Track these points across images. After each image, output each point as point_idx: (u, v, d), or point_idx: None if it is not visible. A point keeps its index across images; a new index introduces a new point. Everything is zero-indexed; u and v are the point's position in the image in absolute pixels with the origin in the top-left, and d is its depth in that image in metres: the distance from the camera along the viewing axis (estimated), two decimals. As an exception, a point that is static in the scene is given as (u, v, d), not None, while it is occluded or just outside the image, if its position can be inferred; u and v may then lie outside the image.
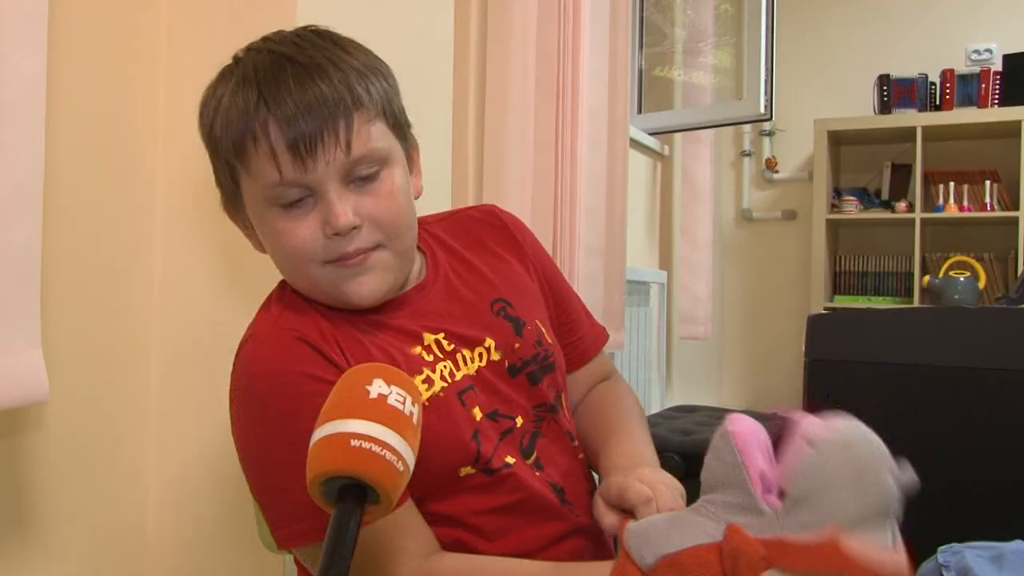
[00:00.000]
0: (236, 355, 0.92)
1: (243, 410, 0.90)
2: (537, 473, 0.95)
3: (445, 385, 0.92)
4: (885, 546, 0.69)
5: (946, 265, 3.72)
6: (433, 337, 0.95)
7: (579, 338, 1.13)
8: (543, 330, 1.03)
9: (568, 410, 1.05)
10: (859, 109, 3.99)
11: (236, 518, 1.38)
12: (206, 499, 1.41)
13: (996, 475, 1.69)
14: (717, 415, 2.95)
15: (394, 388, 0.64)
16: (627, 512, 0.81)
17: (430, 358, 0.93)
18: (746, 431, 0.73)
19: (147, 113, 1.42)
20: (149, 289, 1.42)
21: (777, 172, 4.29)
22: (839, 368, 1.89)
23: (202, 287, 1.41)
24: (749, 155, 4.33)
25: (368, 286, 0.89)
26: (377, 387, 0.64)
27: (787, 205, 4.28)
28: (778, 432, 0.74)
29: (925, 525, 1.79)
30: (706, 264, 3.69)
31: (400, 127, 0.93)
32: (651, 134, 3.36)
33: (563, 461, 0.99)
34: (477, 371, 0.95)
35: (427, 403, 0.88)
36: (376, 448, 0.60)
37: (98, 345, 1.33)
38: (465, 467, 0.91)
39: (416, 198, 0.95)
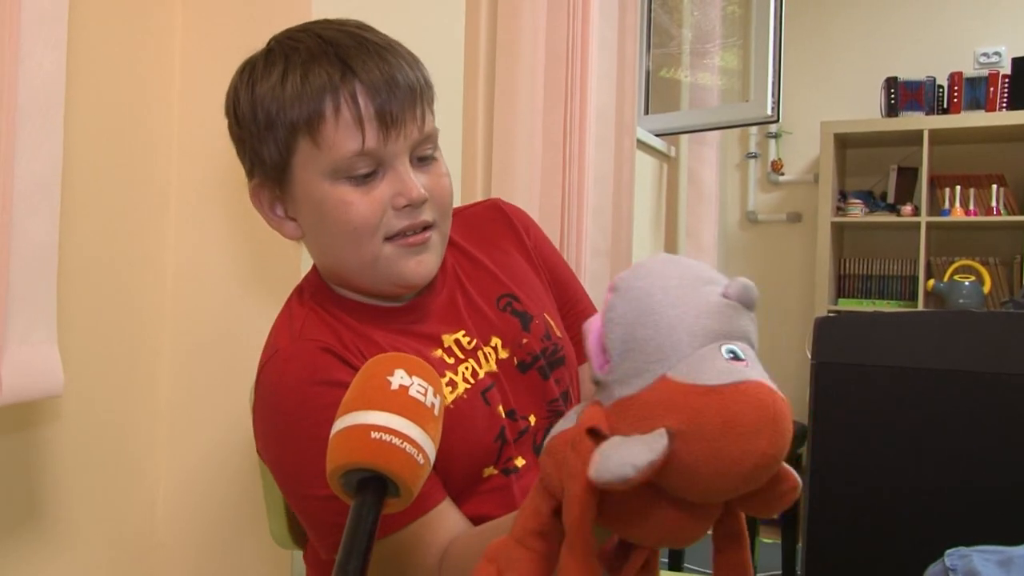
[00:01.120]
0: (260, 371, 0.91)
1: (272, 426, 0.89)
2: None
3: (468, 386, 0.92)
4: (721, 364, 0.55)
5: (951, 269, 3.71)
6: (452, 338, 0.95)
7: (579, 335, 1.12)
8: (551, 323, 1.02)
9: None
10: (866, 112, 3.98)
11: (246, 511, 1.39)
12: (216, 492, 1.42)
13: (1003, 479, 1.69)
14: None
15: (416, 379, 0.63)
16: None
17: (451, 360, 0.93)
18: (593, 320, 0.60)
19: (162, 110, 1.42)
20: (162, 284, 1.43)
21: (783, 174, 4.28)
22: (845, 371, 1.90)
23: (215, 282, 1.42)
24: (755, 157, 4.33)
25: (426, 265, 0.91)
26: (399, 378, 0.62)
27: (792, 207, 4.27)
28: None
29: (932, 528, 1.79)
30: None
31: (434, 115, 0.96)
32: (658, 135, 3.37)
33: None
34: (487, 371, 0.95)
35: (451, 406, 0.89)
36: (396, 441, 0.59)
37: (112, 339, 1.34)
38: (488, 467, 0.91)
39: None
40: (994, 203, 3.68)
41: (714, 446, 0.52)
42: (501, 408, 0.93)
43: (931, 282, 3.67)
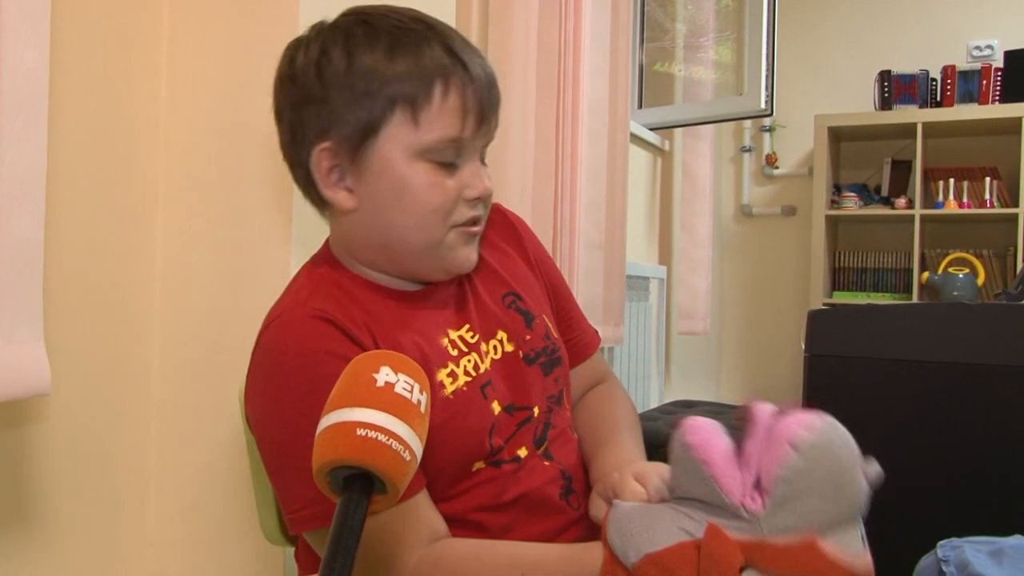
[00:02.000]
0: (260, 334, 0.90)
1: (263, 389, 0.88)
2: (546, 463, 0.96)
3: (468, 380, 0.92)
4: (857, 546, 0.71)
5: (945, 262, 3.72)
6: (456, 333, 0.96)
7: (579, 335, 1.14)
8: (549, 325, 1.05)
9: (569, 406, 1.06)
10: (860, 105, 3.98)
11: (237, 510, 1.38)
12: (207, 491, 1.41)
13: (995, 470, 1.69)
14: (716, 410, 2.95)
15: (401, 376, 0.63)
16: None
17: (455, 352, 0.94)
18: (705, 441, 0.73)
19: (149, 106, 1.41)
20: (151, 281, 1.42)
21: (777, 168, 4.28)
22: (839, 363, 1.90)
23: (203, 279, 1.41)
24: (749, 151, 4.33)
25: (475, 255, 0.96)
26: (384, 375, 0.63)
27: (787, 201, 4.27)
28: (739, 423, 0.75)
29: (925, 519, 1.80)
30: (706, 260, 3.69)
31: None
32: (652, 129, 3.36)
33: (568, 452, 1.00)
34: (492, 363, 0.96)
35: (451, 396, 0.90)
36: (382, 437, 0.59)
37: (100, 337, 1.33)
38: (478, 462, 0.92)
39: None
40: (987, 195, 3.69)
41: None
42: (497, 404, 0.94)
43: (925, 274, 3.67)
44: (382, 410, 0.60)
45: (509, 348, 0.98)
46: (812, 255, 3.90)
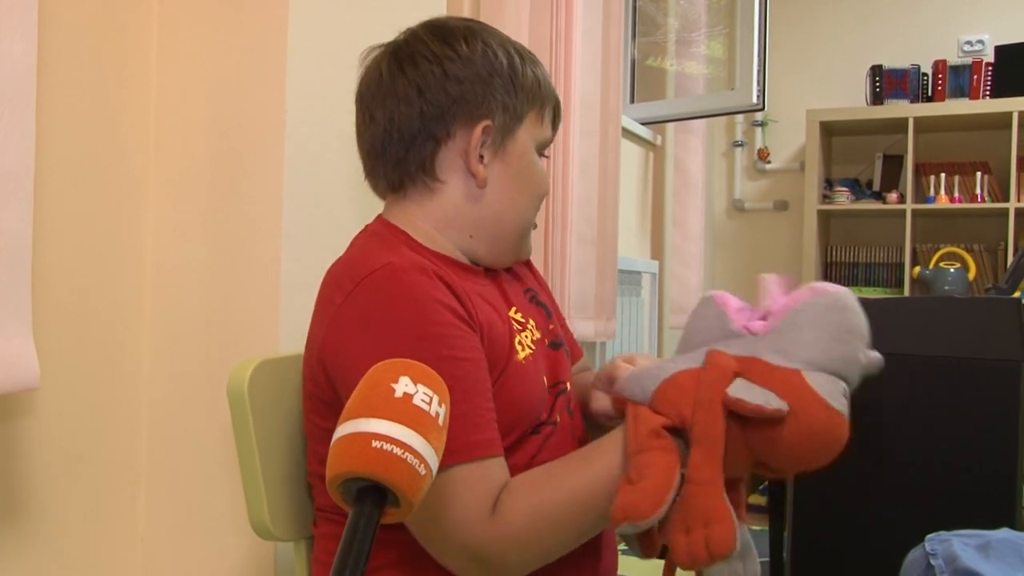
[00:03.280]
0: (365, 277, 0.90)
1: (364, 321, 0.88)
2: (572, 435, 1.05)
3: (531, 351, 1.00)
4: (840, 400, 0.78)
5: (936, 256, 3.73)
6: (513, 310, 1.04)
7: (570, 342, 1.22)
8: (558, 322, 1.16)
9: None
10: (851, 100, 3.99)
11: (227, 506, 1.38)
12: (197, 486, 1.41)
13: (984, 464, 1.70)
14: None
15: (420, 387, 0.62)
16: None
17: (517, 326, 1.01)
18: (722, 295, 0.88)
19: (139, 99, 1.41)
20: (141, 275, 1.42)
21: (769, 162, 4.29)
22: (829, 358, 1.90)
23: (193, 274, 1.41)
24: (741, 145, 4.33)
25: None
26: (403, 385, 0.62)
27: (779, 195, 4.28)
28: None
29: (913, 513, 1.80)
30: (698, 254, 3.70)
31: None
32: (643, 124, 3.36)
33: (581, 429, 1.10)
34: (533, 342, 1.04)
35: (523, 362, 0.97)
36: (397, 451, 0.58)
37: (90, 330, 1.33)
38: (543, 417, 1.00)
39: None
40: (978, 190, 3.70)
41: (805, 445, 0.77)
42: (544, 378, 1.02)
43: (917, 269, 3.68)
44: (399, 422, 0.59)
45: (537, 335, 1.05)
46: (804, 250, 3.91)
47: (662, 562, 0.87)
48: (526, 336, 1.02)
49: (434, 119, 0.97)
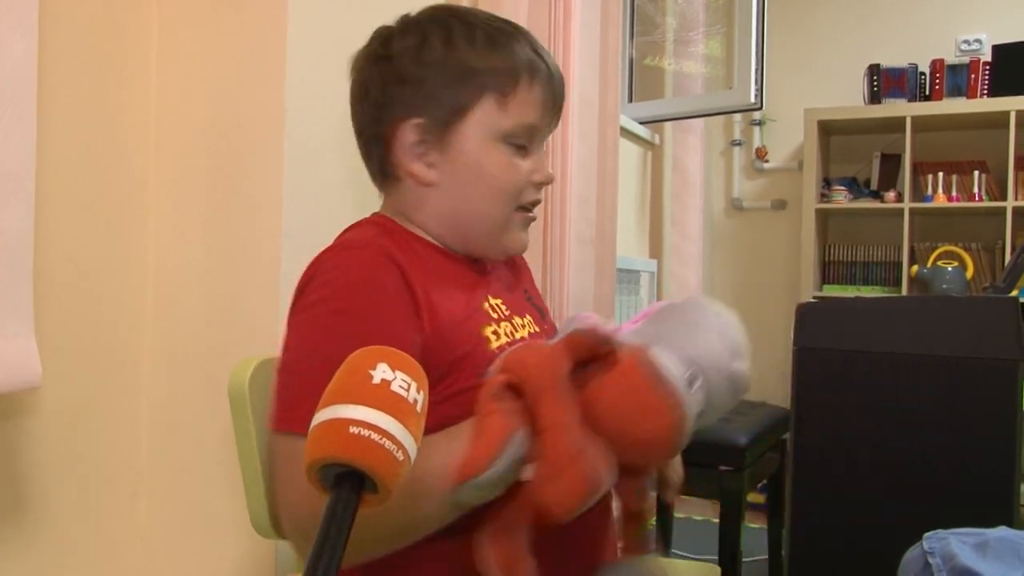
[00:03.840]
0: (320, 254, 0.93)
1: (311, 297, 0.90)
2: None
3: (508, 340, 0.98)
4: (683, 384, 0.75)
5: (934, 255, 3.73)
6: (495, 300, 1.02)
7: None
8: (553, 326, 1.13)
9: None
10: (849, 99, 3.99)
11: (228, 504, 1.38)
12: (197, 484, 1.41)
13: (982, 462, 1.70)
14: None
15: (399, 374, 0.62)
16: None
17: (495, 316, 1.00)
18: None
19: (139, 98, 1.41)
20: (142, 274, 1.42)
21: (767, 162, 4.29)
22: (827, 356, 1.91)
23: (194, 272, 1.41)
24: (739, 144, 4.33)
25: (528, 239, 1.04)
26: (381, 372, 0.62)
27: (777, 195, 4.28)
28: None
29: (911, 512, 1.81)
30: (696, 253, 3.70)
31: None
32: (642, 123, 3.37)
33: None
34: (530, 335, 1.03)
35: (496, 351, 0.95)
36: (375, 436, 0.58)
37: (91, 331, 1.33)
38: None
39: None
40: (976, 189, 3.70)
41: (626, 404, 0.75)
42: None
43: (915, 268, 3.68)
44: (377, 408, 0.59)
45: (535, 329, 1.06)
46: (802, 248, 3.92)
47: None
48: (504, 327, 1.00)
49: (375, 120, 0.99)
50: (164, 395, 1.43)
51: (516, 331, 1.01)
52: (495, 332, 0.97)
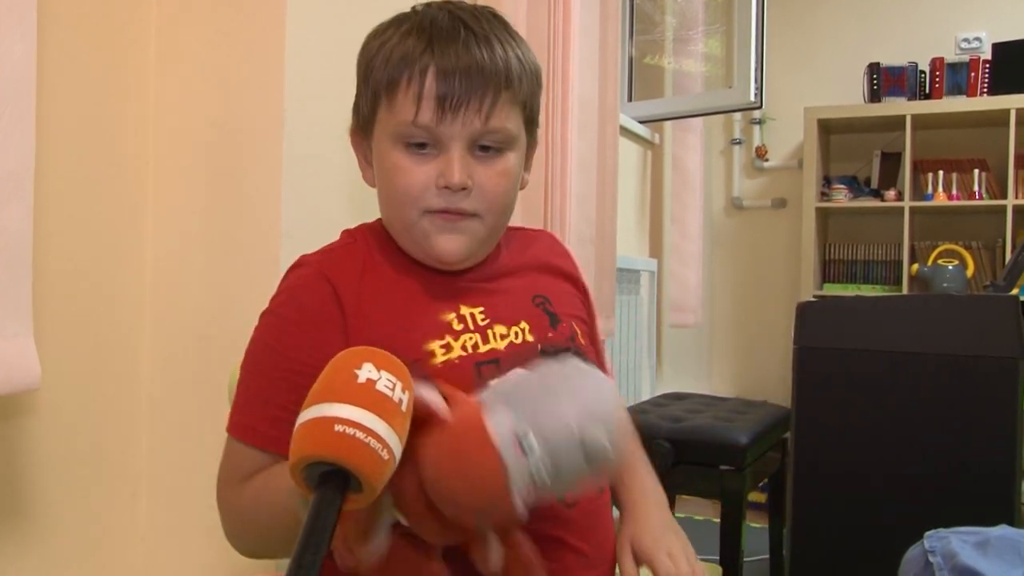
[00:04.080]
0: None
1: (267, 306, 0.98)
2: None
3: (463, 355, 0.94)
4: (505, 435, 0.67)
5: (935, 253, 3.73)
6: (469, 310, 0.98)
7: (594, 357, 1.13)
8: (578, 331, 1.05)
9: None
10: (849, 97, 3.99)
11: (228, 504, 1.38)
12: (197, 485, 1.41)
13: (982, 461, 1.70)
14: (707, 402, 2.96)
15: (384, 373, 0.62)
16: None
17: (459, 327, 0.96)
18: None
19: (138, 99, 1.41)
20: (141, 275, 1.42)
21: (767, 160, 4.29)
22: (828, 355, 1.91)
23: (193, 273, 1.41)
24: (739, 143, 4.33)
25: (457, 244, 0.96)
26: (366, 371, 0.62)
27: (777, 193, 4.28)
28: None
29: (912, 510, 1.81)
30: (696, 252, 3.70)
31: (532, 123, 1.02)
32: (642, 122, 3.36)
33: None
34: (508, 347, 0.97)
35: (439, 366, 0.92)
36: (360, 435, 0.58)
37: (90, 331, 1.33)
38: None
39: (520, 189, 1.02)
40: (976, 187, 3.70)
41: (447, 464, 0.67)
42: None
43: (915, 266, 3.68)
44: (361, 407, 0.59)
45: (529, 338, 0.99)
46: (802, 247, 3.92)
47: None
48: (468, 339, 0.95)
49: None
50: (163, 395, 1.43)
51: (488, 342, 0.96)
52: (445, 346, 0.94)
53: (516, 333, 0.99)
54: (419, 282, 0.98)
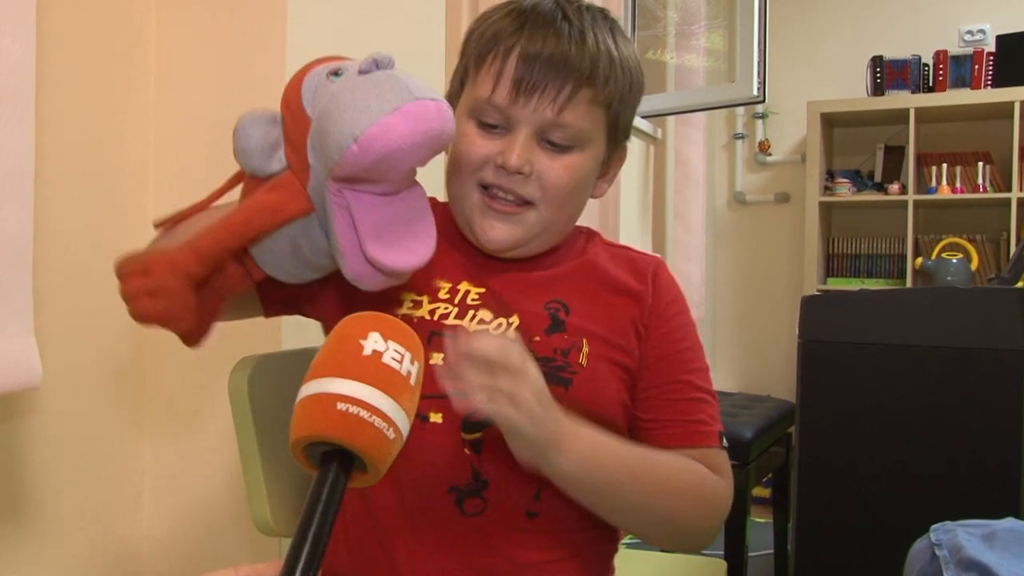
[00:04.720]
0: None
1: None
2: (466, 451, 0.90)
3: (426, 319, 0.94)
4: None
5: (939, 247, 3.72)
6: (469, 287, 0.97)
7: (651, 420, 1.00)
8: (584, 352, 0.95)
9: None
10: (852, 91, 3.98)
11: (229, 502, 1.38)
12: (201, 484, 1.41)
13: (988, 453, 1.70)
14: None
15: (391, 344, 0.58)
16: None
17: (444, 296, 0.96)
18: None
19: (138, 98, 1.41)
20: (141, 275, 1.42)
21: (770, 155, 4.28)
22: (832, 349, 1.90)
23: (195, 272, 1.40)
24: (742, 138, 4.32)
25: (499, 233, 0.95)
26: (373, 342, 0.57)
27: (780, 188, 4.27)
28: None
29: (917, 503, 1.80)
30: (699, 247, 3.69)
31: (615, 131, 0.99)
32: (644, 117, 3.36)
33: (512, 470, 0.86)
34: (478, 332, 0.90)
35: (398, 315, 0.93)
36: (364, 413, 0.54)
37: (91, 330, 1.33)
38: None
39: (594, 197, 1.04)
40: (980, 180, 3.69)
41: None
42: (438, 357, 0.88)
43: (919, 260, 3.67)
44: (367, 383, 0.55)
45: (512, 334, 0.92)
46: (806, 242, 3.91)
47: (663, 557, 0.83)
48: (443, 308, 0.94)
49: None
50: (165, 393, 1.43)
51: (461, 319, 0.93)
52: (416, 303, 0.95)
53: (500, 324, 0.94)
54: (462, 253, 1.00)
